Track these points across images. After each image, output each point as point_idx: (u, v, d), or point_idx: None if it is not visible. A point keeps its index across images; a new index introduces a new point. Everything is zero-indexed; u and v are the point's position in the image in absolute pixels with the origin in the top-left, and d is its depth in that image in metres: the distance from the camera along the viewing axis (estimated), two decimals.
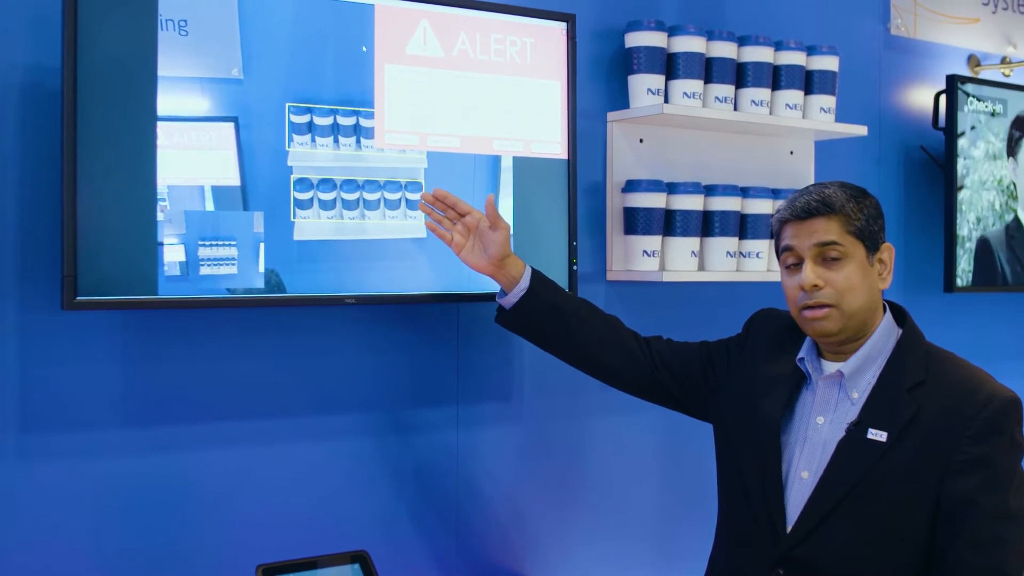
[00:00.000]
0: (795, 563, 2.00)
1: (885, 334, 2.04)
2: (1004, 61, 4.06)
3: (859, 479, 1.95)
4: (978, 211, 3.76)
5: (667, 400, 2.40)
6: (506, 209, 2.63)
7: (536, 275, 2.38)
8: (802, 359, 2.10)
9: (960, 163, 3.68)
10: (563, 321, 2.37)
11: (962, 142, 3.69)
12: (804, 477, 2.02)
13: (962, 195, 3.70)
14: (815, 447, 2.03)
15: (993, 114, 3.81)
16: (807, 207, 2.02)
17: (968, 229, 3.72)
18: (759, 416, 2.10)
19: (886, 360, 2.02)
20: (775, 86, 3.14)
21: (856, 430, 1.98)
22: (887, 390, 1.98)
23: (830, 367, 2.07)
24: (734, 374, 2.25)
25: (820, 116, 3.21)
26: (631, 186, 2.95)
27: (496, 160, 2.64)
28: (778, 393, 2.10)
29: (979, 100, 3.76)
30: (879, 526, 1.94)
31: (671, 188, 2.96)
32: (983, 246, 3.80)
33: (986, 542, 1.87)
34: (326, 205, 2.41)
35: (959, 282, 3.71)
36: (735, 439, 2.16)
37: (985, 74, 4.00)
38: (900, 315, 2.10)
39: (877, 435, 1.94)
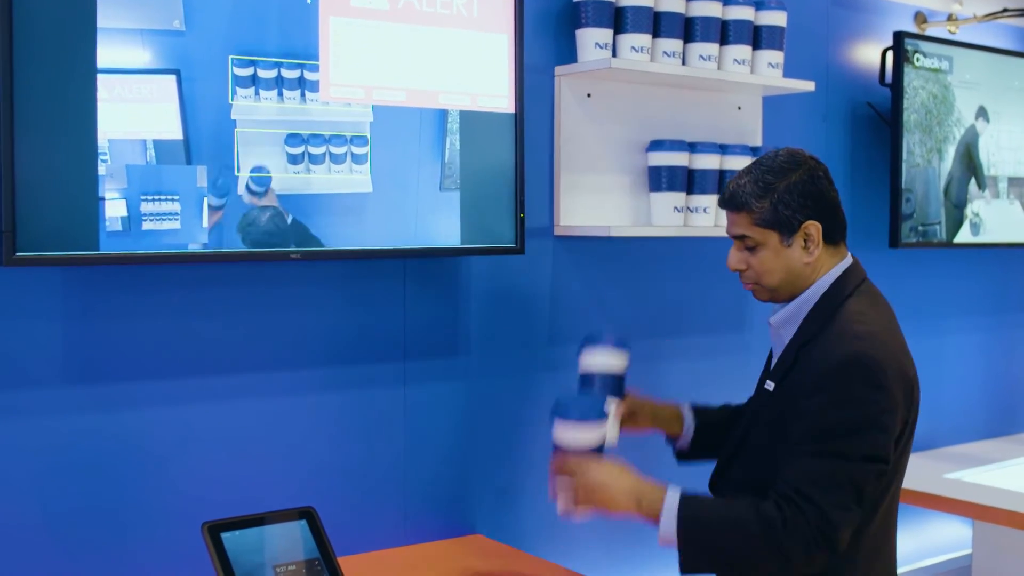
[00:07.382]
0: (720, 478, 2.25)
1: (815, 292, 2.12)
2: (950, 18, 4.09)
3: (751, 423, 2.17)
4: None
5: None
6: (453, 163, 2.63)
7: (697, 434, 2.42)
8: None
9: None
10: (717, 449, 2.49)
11: None
12: None
13: None
14: None
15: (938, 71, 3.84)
16: (722, 200, 2.17)
17: None
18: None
19: (804, 317, 2.12)
20: (723, 41, 3.14)
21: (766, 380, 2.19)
22: (791, 346, 2.12)
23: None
24: None
25: (768, 71, 3.22)
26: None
27: (442, 114, 2.62)
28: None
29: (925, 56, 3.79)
30: (760, 466, 2.09)
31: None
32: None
33: (798, 471, 1.94)
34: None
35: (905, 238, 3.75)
36: None
37: (931, 31, 4.02)
38: (855, 269, 2.16)
39: (769, 385, 2.14)
